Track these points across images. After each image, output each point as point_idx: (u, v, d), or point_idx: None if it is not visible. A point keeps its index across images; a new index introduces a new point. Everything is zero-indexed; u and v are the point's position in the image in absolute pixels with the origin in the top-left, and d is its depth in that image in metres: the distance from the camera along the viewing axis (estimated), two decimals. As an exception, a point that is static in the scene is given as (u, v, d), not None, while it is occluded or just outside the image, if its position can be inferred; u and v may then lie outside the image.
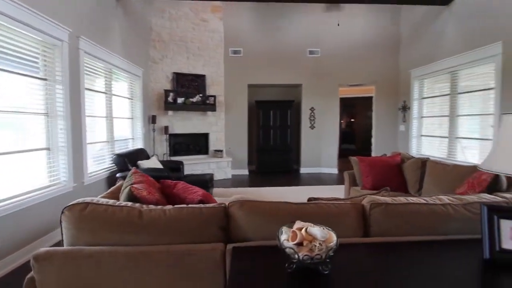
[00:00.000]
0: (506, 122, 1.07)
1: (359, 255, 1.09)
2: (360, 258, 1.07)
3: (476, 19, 3.96)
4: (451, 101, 4.50)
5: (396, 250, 1.11)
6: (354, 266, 0.99)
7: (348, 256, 1.04)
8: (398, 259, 1.05)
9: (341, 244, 1.12)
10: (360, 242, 1.19)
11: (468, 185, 1.78)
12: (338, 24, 5.81)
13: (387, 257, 1.07)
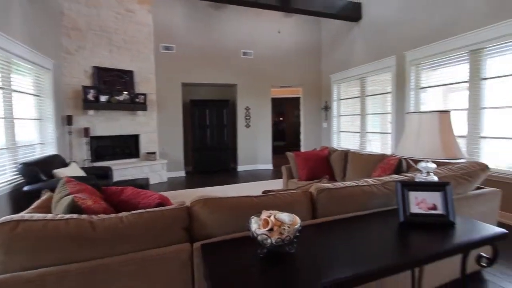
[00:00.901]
0: (409, 119, 1.41)
1: (311, 234, 1.26)
2: (312, 236, 1.25)
3: (378, 36, 4.86)
4: (361, 102, 5.40)
5: (338, 226, 1.33)
6: (309, 243, 1.15)
7: (303, 236, 1.20)
8: (340, 232, 1.26)
9: (299, 227, 1.27)
10: (311, 223, 1.37)
11: (381, 169, 2.24)
12: (279, 31, 6.21)
13: (332, 232, 1.27)
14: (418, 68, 4.16)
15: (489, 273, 2.03)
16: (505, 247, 2.39)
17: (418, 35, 4.05)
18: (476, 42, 3.29)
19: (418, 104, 4.19)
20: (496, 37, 3.08)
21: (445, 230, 1.22)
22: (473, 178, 1.80)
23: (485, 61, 3.29)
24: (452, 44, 3.56)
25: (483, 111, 3.31)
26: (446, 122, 1.28)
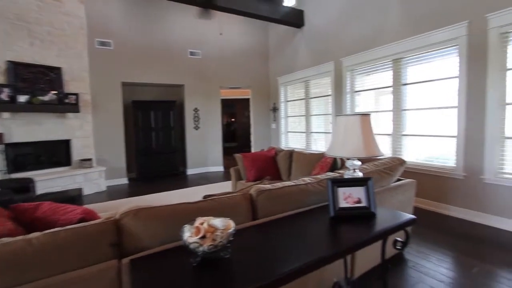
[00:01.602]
0: (338, 121, 1.54)
1: (250, 236, 1.27)
2: (252, 238, 1.26)
3: (319, 42, 5.21)
4: (306, 104, 5.73)
5: (277, 225, 1.37)
6: (247, 245, 1.16)
7: (242, 239, 1.20)
8: (279, 231, 1.31)
9: (236, 230, 1.28)
10: (251, 225, 1.38)
11: (320, 167, 2.41)
12: (221, 33, 6.15)
13: (271, 232, 1.31)
14: (353, 73, 4.59)
15: (408, 253, 2.34)
16: (419, 230, 2.79)
17: (352, 43, 4.46)
18: (397, 52, 3.77)
19: (353, 106, 4.62)
20: (413, 48, 3.57)
21: (368, 221, 1.36)
22: (393, 172, 2.05)
23: (405, 69, 3.80)
24: (379, 53, 4.02)
25: (404, 112, 3.81)
26: (367, 124, 1.44)
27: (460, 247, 2.44)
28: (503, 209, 2.80)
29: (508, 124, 2.82)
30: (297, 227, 1.34)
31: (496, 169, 2.86)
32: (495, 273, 2.02)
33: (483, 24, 2.91)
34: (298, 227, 1.33)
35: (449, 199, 3.24)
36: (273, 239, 1.23)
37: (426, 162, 3.55)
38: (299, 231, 1.30)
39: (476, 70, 2.98)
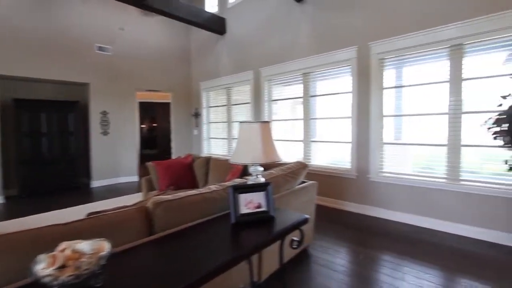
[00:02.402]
0: (240, 128, 1.56)
1: (145, 254, 1.14)
2: (145, 256, 1.13)
3: (239, 51, 5.36)
4: (228, 110, 5.78)
5: (177, 237, 1.28)
6: (137, 266, 1.03)
7: (133, 259, 1.06)
8: (179, 243, 1.21)
9: (125, 250, 1.12)
10: (146, 241, 1.24)
11: (232, 174, 2.43)
12: (122, 28, 5.60)
13: (170, 246, 1.21)
14: (270, 83, 4.89)
15: (313, 249, 2.57)
16: (323, 225, 3.12)
17: (269, 55, 4.76)
18: (306, 67, 4.20)
19: (270, 114, 4.91)
20: (319, 64, 4.04)
21: (267, 224, 1.41)
22: (297, 175, 2.23)
23: (314, 82, 4.26)
24: (292, 67, 4.39)
25: (312, 121, 4.26)
26: (267, 131, 1.51)
27: (353, 238, 2.83)
28: (384, 202, 3.41)
29: (385, 132, 3.47)
30: (199, 237, 1.28)
31: (378, 169, 3.47)
32: (380, 258, 2.41)
33: (367, 50, 3.53)
34: (200, 238, 1.27)
35: (346, 196, 3.75)
36: (171, 254, 1.13)
37: (330, 165, 4.04)
38: (201, 241, 1.24)
39: (363, 87, 3.58)
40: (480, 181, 2.79)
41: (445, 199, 2.96)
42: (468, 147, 2.88)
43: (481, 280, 2.04)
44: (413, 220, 3.17)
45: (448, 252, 2.49)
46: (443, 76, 3.00)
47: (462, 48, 2.87)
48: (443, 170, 3.02)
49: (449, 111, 2.97)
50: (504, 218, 2.64)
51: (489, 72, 2.75)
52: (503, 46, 2.68)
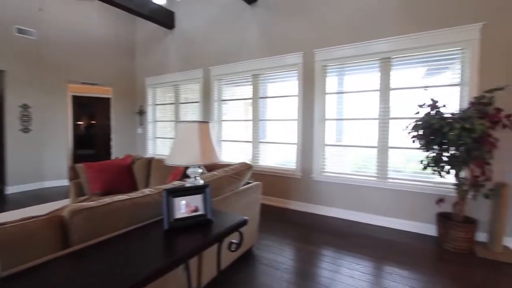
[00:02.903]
0: (177, 128, 1.47)
1: (55, 271, 0.98)
2: (55, 274, 0.97)
3: (189, 47, 5.16)
4: (175, 109, 5.52)
5: (99, 249, 1.13)
6: (44, 285, 0.87)
7: (37, 279, 0.90)
8: (102, 255, 1.08)
9: (29, 268, 0.95)
10: (58, 256, 1.07)
11: (173, 176, 2.30)
12: (41, 9, 4.90)
13: (89, 259, 1.06)
14: (220, 83, 4.81)
15: (257, 248, 2.59)
16: (269, 224, 3.18)
17: (219, 54, 4.68)
18: (256, 69, 4.24)
19: (220, 114, 4.84)
20: (268, 67, 4.12)
21: (205, 227, 1.35)
22: (241, 176, 2.22)
23: (263, 84, 4.32)
24: (242, 67, 4.39)
25: (262, 122, 4.32)
26: (205, 131, 1.45)
27: (297, 235, 2.94)
28: (325, 199, 3.64)
29: (327, 134, 3.71)
30: (127, 246, 1.15)
31: (320, 169, 3.69)
32: (319, 253, 2.55)
33: (312, 57, 3.73)
34: (128, 247, 1.15)
35: (292, 195, 3.90)
36: (89, 268, 0.99)
37: (277, 166, 4.15)
38: (128, 251, 1.12)
39: (308, 92, 3.77)
40: (403, 179, 3.18)
41: (375, 195, 3.29)
42: (394, 149, 3.25)
43: (402, 265, 2.31)
44: (349, 215, 3.45)
45: (377, 243, 2.77)
46: (375, 85, 3.34)
47: (390, 61, 3.24)
48: (374, 170, 3.35)
49: (379, 116, 3.31)
50: (421, 211, 3.05)
51: (411, 83, 3.15)
52: (422, 62, 3.11)
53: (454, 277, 2.15)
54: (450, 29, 2.85)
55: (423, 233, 3.01)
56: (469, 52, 2.80)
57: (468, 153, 2.48)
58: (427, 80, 3.12)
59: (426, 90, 2.89)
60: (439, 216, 2.77)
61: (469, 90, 2.80)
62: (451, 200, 2.85)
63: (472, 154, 2.45)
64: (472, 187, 2.56)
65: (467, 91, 2.82)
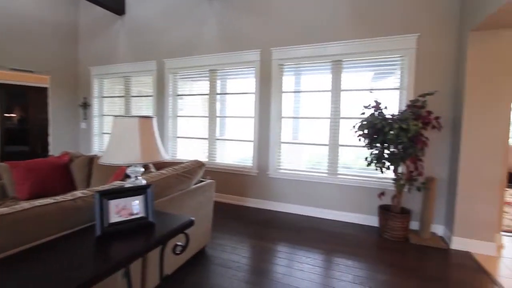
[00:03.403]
0: (114, 124, 1.33)
1: None
2: None
3: (141, 37, 4.80)
4: (126, 102, 5.11)
5: (12, 263, 0.97)
6: None
7: None
8: (17, 270, 0.92)
9: None
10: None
11: (115, 175, 2.11)
12: None
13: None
14: (176, 76, 4.58)
15: (211, 248, 2.53)
16: (224, 223, 3.14)
17: (175, 46, 4.44)
18: (214, 64, 4.13)
19: (175, 109, 4.62)
20: (227, 63, 4.03)
21: (145, 231, 1.25)
22: (193, 175, 2.13)
23: (222, 80, 4.23)
24: (199, 61, 4.24)
25: (220, 119, 4.23)
26: (148, 127, 1.35)
27: (252, 233, 2.95)
28: (280, 196, 3.72)
29: (284, 132, 3.78)
30: (50, 258, 1.00)
31: (276, 166, 3.76)
32: (273, 249, 2.58)
33: (269, 55, 3.75)
34: (51, 258, 1.00)
35: (249, 192, 3.91)
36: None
37: (234, 163, 4.11)
38: (51, 262, 0.97)
39: (265, 90, 3.79)
40: (351, 175, 3.40)
41: (327, 190, 3.47)
42: (344, 147, 3.45)
43: (348, 256, 2.46)
44: (303, 210, 3.58)
45: (327, 235, 2.92)
46: (328, 86, 3.50)
47: (341, 64, 3.41)
48: (326, 166, 3.52)
49: (330, 116, 3.48)
50: (366, 204, 3.29)
51: (360, 86, 3.37)
52: (370, 66, 3.34)
53: (391, 263, 2.37)
54: (392, 38, 3.11)
55: (367, 224, 3.26)
56: (407, 59, 3.09)
57: (405, 150, 2.74)
58: (375, 84, 3.37)
59: (371, 92, 3.11)
60: (380, 208, 3.02)
61: (407, 94, 3.09)
62: (390, 193, 3.13)
63: (407, 152, 2.72)
64: (407, 181, 2.84)
65: (405, 94, 3.11)
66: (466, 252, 2.62)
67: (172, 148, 4.60)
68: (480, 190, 2.62)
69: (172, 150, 4.60)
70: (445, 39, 2.94)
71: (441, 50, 2.95)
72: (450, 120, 2.94)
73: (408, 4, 3.06)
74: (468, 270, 2.30)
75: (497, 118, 2.56)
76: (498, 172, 2.58)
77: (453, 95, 2.92)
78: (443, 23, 2.93)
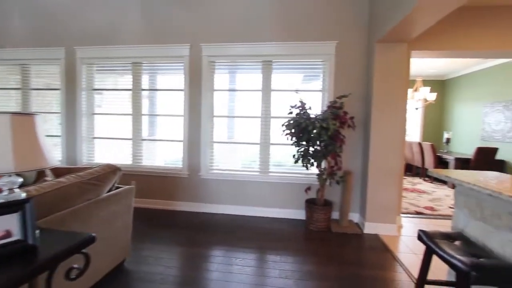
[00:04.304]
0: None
1: None
2: None
3: (44, 19, 3.99)
4: (24, 96, 4.20)
5: None
6: None
7: None
8: None
9: None
10: None
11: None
12: None
13: None
14: (91, 68, 3.98)
15: (131, 262, 2.26)
16: (146, 233, 2.86)
17: (89, 32, 3.85)
18: (137, 56, 3.73)
19: (91, 106, 4.01)
20: (153, 56, 3.68)
21: (25, 256, 0.99)
22: (103, 181, 1.84)
23: (153, 75, 3.84)
24: (120, 52, 3.76)
25: (151, 117, 3.85)
26: (27, 127, 1.07)
27: (182, 239, 2.76)
28: (213, 197, 3.61)
29: (216, 131, 3.68)
30: None
31: (208, 166, 3.64)
32: (204, 254, 2.45)
33: (199, 51, 3.59)
34: None
35: (179, 196, 3.68)
36: None
37: (163, 165, 3.81)
38: None
39: (195, 87, 3.62)
40: (282, 172, 3.53)
41: (259, 189, 3.52)
42: (275, 145, 3.56)
43: (276, 251, 2.52)
44: (236, 210, 3.56)
45: (258, 233, 2.95)
46: (259, 85, 3.55)
47: (271, 64, 3.51)
48: (258, 165, 3.58)
49: (261, 115, 3.55)
50: (295, 199, 3.47)
51: (289, 87, 3.52)
52: (298, 68, 3.51)
53: (315, 253, 2.53)
54: (316, 43, 3.34)
55: (296, 218, 3.44)
56: (328, 64, 3.36)
57: (326, 147, 2.97)
58: (305, 85, 3.56)
59: (297, 93, 3.29)
60: (306, 202, 3.22)
61: (328, 95, 3.37)
62: (315, 188, 3.37)
63: (328, 149, 2.96)
64: (329, 176, 3.10)
65: (327, 96, 3.39)
66: (375, 235, 3.01)
67: (88, 151, 3.99)
68: (385, 180, 3.04)
69: (87, 153, 3.99)
70: (358, 48, 3.31)
71: (356, 57, 3.31)
72: (362, 120, 3.32)
73: (327, 14, 3.33)
74: (376, 251, 2.64)
75: (396, 118, 3.00)
76: (398, 164, 3.03)
77: (365, 98, 3.31)
78: (357, 34, 3.30)
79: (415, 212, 3.84)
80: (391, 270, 2.28)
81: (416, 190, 5.19)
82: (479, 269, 1.17)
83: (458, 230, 1.72)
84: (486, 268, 1.18)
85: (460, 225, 1.71)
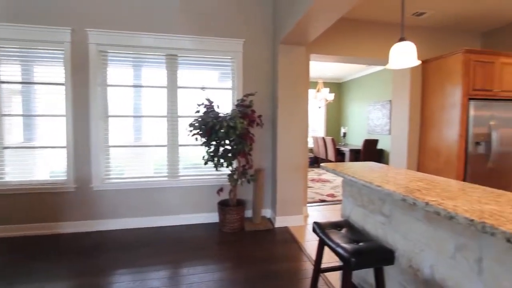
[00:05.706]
0: None
1: None
2: None
3: None
4: None
5: None
6: None
7: None
8: None
9: None
10: None
11: None
12: None
13: None
14: None
15: None
16: (13, 270, 2.19)
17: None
18: None
19: None
20: (17, 39, 2.83)
21: None
22: None
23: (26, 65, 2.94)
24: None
25: (16, 118, 2.96)
26: None
27: (65, 269, 2.20)
28: (112, 211, 3.08)
29: (111, 134, 3.14)
30: None
31: (103, 176, 3.08)
32: (97, 284, 2.00)
33: (84, 37, 2.97)
34: None
35: (63, 215, 2.99)
36: None
37: (40, 179, 3.01)
38: None
39: (80, 81, 2.99)
40: (192, 175, 3.30)
41: (167, 195, 3.20)
42: (184, 147, 3.29)
43: (190, 262, 2.30)
44: (141, 223, 3.14)
45: (169, 245, 2.65)
46: (164, 82, 3.20)
47: (177, 59, 3.21)
48: (166, 169, 3.24)
49: (167, 114, 3.22)
50: (207, 202, 3.30)
51: (198, 84, 3.29)
52: (206, 65, 3.30)
53: (229, 256, 2.43)
54: (224, 39, 3.23)
55: (210, 222, 3.28)
56: (236, 62, 3.31)
57: (236, 147, 2.91)
58: (215, 83, 3.38)
59: (203, 90, 3.11)
60: (219, 204, 3.10)
61: (237, 94, 3.32)
62: (228, 188, 3.29)
63: (238, 148, 2.91)
64: (240, 175, 3.05)
65: (236, 94, 3.33)
66: (285, 228, 3.14)
67: None
68: (292, 174, 3.20)
69: None
70: (266, 47, 3.37)
71: (262, 56, 3.37)
72: (270, 118, 3.42)
73: (234, 12, 3.27)
74: (286, 243, 2.74)
75: (299, 116, 3.20)
76: (303, 158, 3.24)
77: (271, 96, 3.41)
78: (263, 33, 3.35)
79: (319, 200, 4.25)
80: (297, 260, 2.39)
81: (322, 180, 5.81)
82: (358, 254, 1.27)
83: (346, 217, 1.90)
84: (363, 252, 1.29)
85: (347, 212, 1.89)
